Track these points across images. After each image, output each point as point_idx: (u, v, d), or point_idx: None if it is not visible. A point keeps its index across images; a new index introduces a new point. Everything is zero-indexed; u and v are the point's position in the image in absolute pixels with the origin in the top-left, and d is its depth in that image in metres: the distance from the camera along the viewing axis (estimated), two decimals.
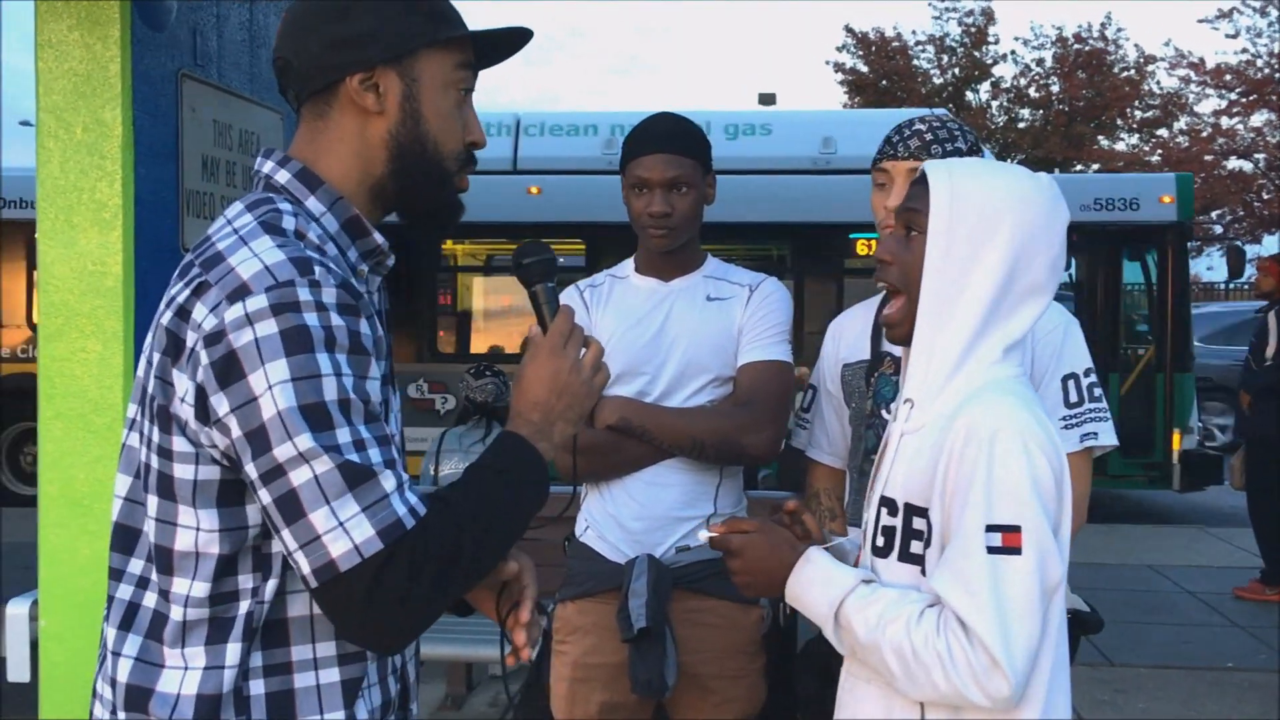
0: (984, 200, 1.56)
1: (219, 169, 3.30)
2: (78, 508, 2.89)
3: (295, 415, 1.22)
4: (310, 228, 1.37)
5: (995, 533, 1.44)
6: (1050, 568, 1.46)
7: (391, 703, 1.43)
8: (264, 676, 1.32)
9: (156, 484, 1.32)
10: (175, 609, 1.31)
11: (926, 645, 1.45)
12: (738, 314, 2.45)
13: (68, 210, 2.88)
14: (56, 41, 2.88)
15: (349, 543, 1.21)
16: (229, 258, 1.30)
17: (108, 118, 2.87)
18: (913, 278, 1.59)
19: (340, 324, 1.27)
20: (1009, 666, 1.41)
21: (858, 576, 1.57)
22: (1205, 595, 6.87)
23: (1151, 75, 27.10)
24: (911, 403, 1.60)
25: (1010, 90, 28.05)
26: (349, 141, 1.43)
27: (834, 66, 28.08)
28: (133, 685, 1.31)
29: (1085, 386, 2.12)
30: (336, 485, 1.22)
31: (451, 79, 1.46)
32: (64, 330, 2.89)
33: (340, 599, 1.23)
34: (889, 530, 1.60)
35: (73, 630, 2.90)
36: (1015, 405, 1.50)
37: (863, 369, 2.30)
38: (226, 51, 3.36)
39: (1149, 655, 5.60)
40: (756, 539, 1.65)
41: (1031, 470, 1.46)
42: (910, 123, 2.25)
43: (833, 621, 1.55)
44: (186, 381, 1.27)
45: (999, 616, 1.42)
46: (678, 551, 2.38)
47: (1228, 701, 4.97)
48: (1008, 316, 1.56)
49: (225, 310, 1.25)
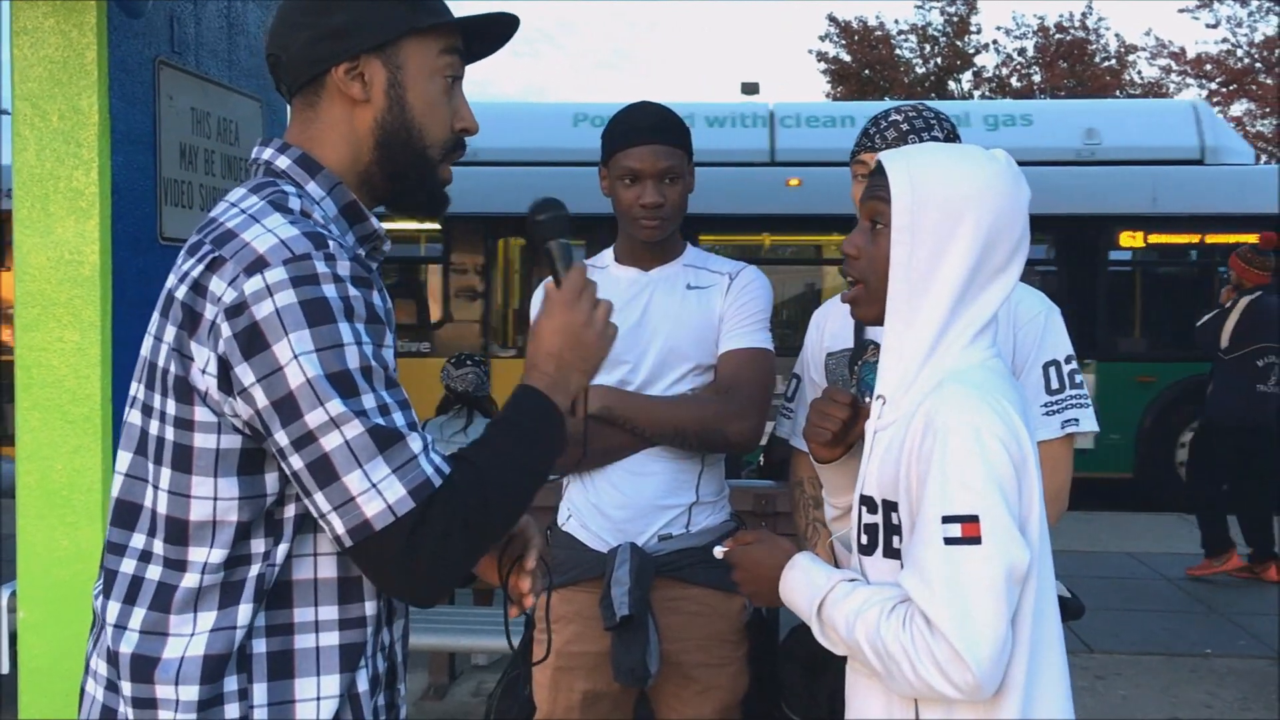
0: (945, 192, 1.54)
1: (197, 157, 3.27)
2: (56, 499, 2.88)
3: (323, 383, 1.26)
4: (314, 210, 1.41)
5: (953, 524, 1.43)
6: (1014, 556, 1.44)
7: (380, 679, 1.45)
8: (266, 636, 1.35)
9: (172, 456, 1.34)
10: (190, 577, 1.33)
11: (894, 639, 1.45)
12: (718, 302, 2.46)
13: (44, 199, 2.86)
14: (32, 29, 2.85)
15: (382, 503, 1.26)
16: (241, 233, 1.33)
17: (84, 105, 2.85)
18: (879, 272, 1.59)
19: (357, 294, 1.31)
20: (970, 656, 1.40)
21: (837, 577, 1.57)
22: (1184, 583, 6.92)
23: (1133, 65, 27.22)
24: (883, 399, 1.60)
25: (992, 80, 28.12)
26: (338, 130, 1.47)
27: (817, 56, 28.10)
28: (138, 655, 1.34)
29: (1066, 373, 2.12)
30: (368, 448, 1.26)
31: (437, 66, 1.49)
32: (41, 320, 2.86)
33: (376, 557, 1.29)
34: (871, 528, 1.60)
35: (52, 621, 2.88)
36: (971, 396, 1.48)
37: (846, 357, 2.30)
38: (204, 39, 3.33)
39: (1129, 642, 5.63)
40: (752, 550, 1.70)
41: (986, 460, 1.45)
42: (887, 113, 2.25)
43: (816, 622, 1.57)
44: (207, 352, 1.30)
45: (958, 607, 1.41)
46: (660, 540, 2.39)
47: (1207, 688, 5.00)
48: (974, 300, 1.56)
49: (244, 283, 1.28)
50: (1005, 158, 1.60)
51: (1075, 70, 26.80)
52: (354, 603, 1.39)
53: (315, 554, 1.38)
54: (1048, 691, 1.53)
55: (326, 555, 1.38)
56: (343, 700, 1.38)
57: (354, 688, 1.39)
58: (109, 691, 1.38)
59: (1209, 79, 26.23)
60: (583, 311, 1.51)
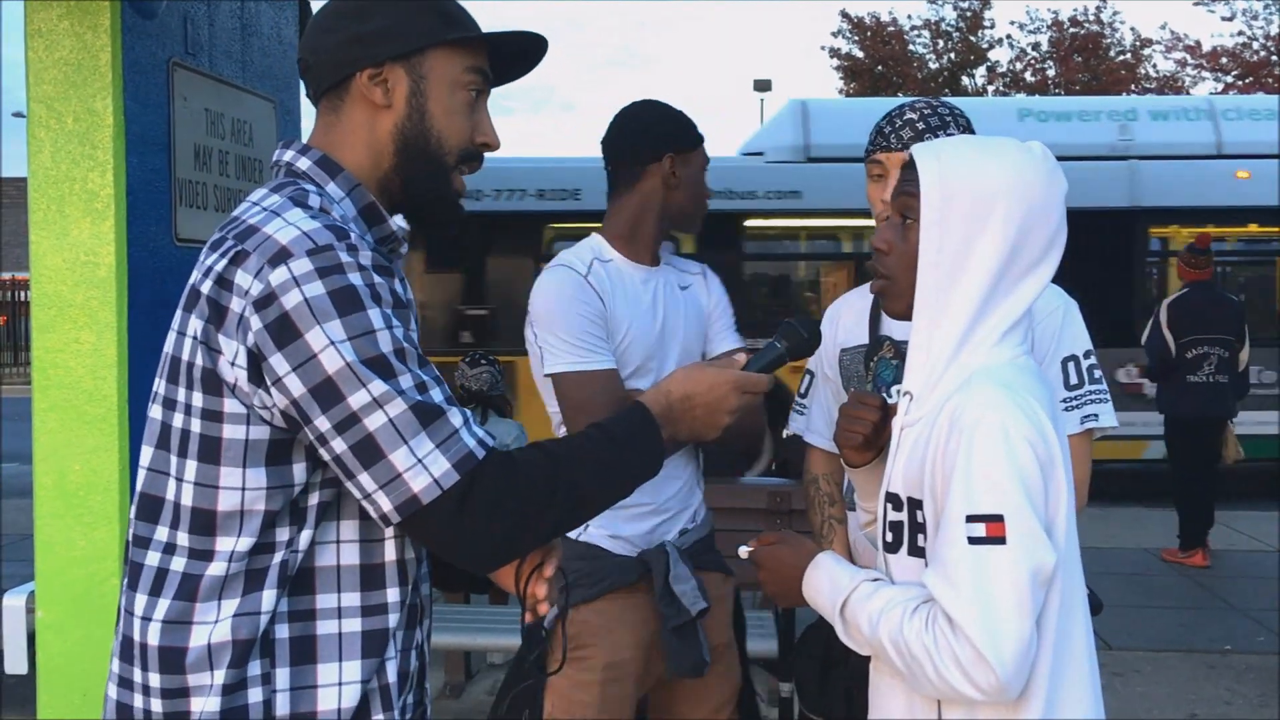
0: (976, 185, 1.52)
1: (211, 158, 3.28)
2: (73, 499, 2.89)
3: (361, 367, 1.29)
4: (333, 209, 1.44)
5: (977, 523, 1.42)
6: (1040, 556, 1.42)
7: (410, 676, 1.47)
8: (289, 622, 1.37)
9: (199, 448, 1.36)
10: (217, 565, 1.36)
11: (917, 640, 1.44)
12: (703, 300, 2.57)
13: (59, 201, 2.87)
14: (46, 31, 2.86)
15: (429, 477, 1.29)
16: (263, 228, 1.36)
17: (99, 107, 2.86)
18: (909, 266, 1.57)
19: (381, 282, 1.34)
20: (994, 658, 1.38)
21: (860, 577, 1.56)
22: (1203, 578, 6.88)
23: (1148, 59, 27.07)
24: (910, 395, 1.59)
25: (1006, 75, 28.00)
26: (360, 134, 1.50)
27: (829, 52, 28.04)
28: (165, 647, 1.36)
29: (1085, 368, 2.11)
30: (411, 425, 1.29)
31: (460, 80, 1.52)
32: (57, 321, 2.87)
33: (426, 530, 1.33)
34: (896, 525, 1.59)
35: (70, 621, 2.89)
36: (1000, 393, 1.47)
37: (861, 353, 2.29)
38: (218, 40, 3.34)
39: (1147, 639, 5.60)
40: (775, 550, 1.69)
41: (1012, 459, 1.43)
42: (901, 111, 2.22)
43: (840, 621, 1.56)
44: (236, 344, 1.32)
45: (982, 607, 1.39)
46: (681, 534, 2.46)
47: (1226, 684, 4.97)
48: (1005, 296, 1.54)
49: (269, 274, 1.31)
50: (1041, 150, 1.58)
51: (1090, 65, 26.67)
52: (376, 590, 1.41)
53: (338, 541, 1.40)
54: (1073, 694, 1.51)
55: (349, 542, 1.40)
56: (371, 690, 1.40)
57: (382, 678, 1.41)
58: (122, 688, 1.39)
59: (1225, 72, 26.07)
60: (739, 397, 1.54)
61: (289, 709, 1.36)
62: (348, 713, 1.38)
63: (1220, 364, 7.11)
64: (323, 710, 1.37)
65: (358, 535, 1.40)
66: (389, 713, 1.42)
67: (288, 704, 1.36)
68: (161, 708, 1.35)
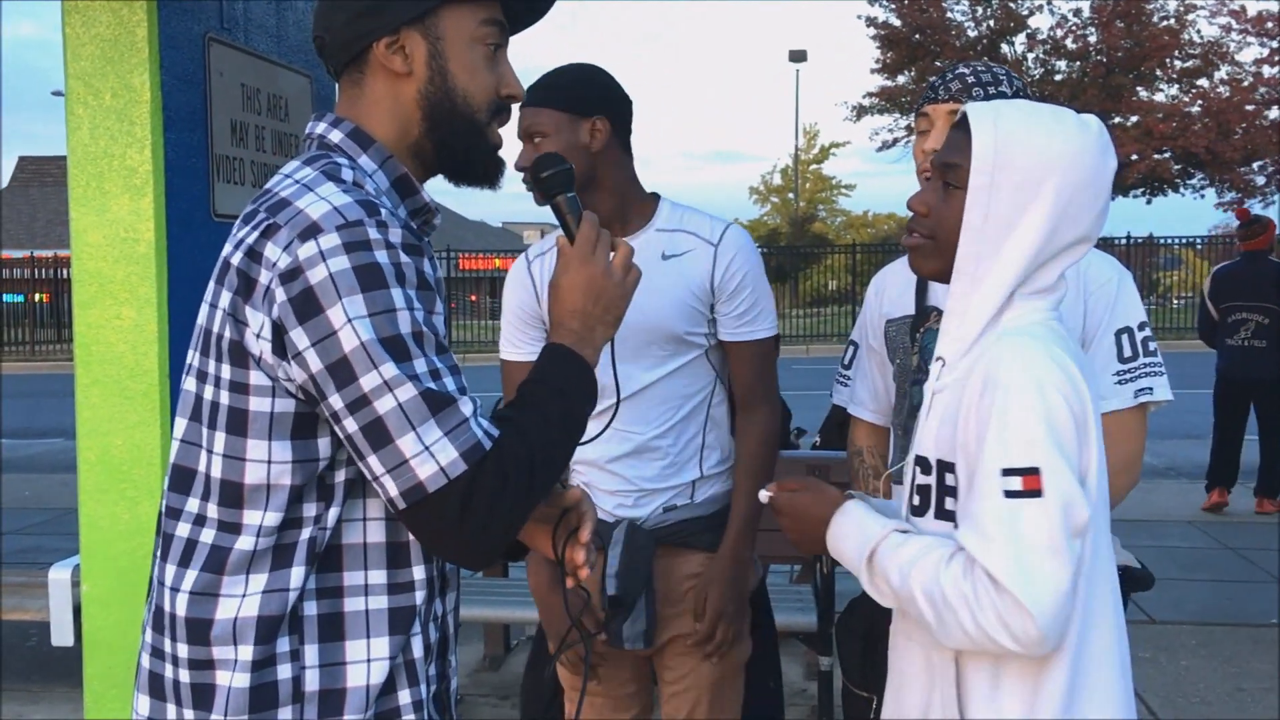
0: (1028, 156, 1.50)
1: (248, 133, 3.28)
2: (116, 473, 2.91)
3: (377, 346, 1.27)
4: (366, 183, 1.43)
5: (1013, 476, 1.41)
6: (1075, 509, 1.42)
7: (431, 649, 1.46)
8: (316, 599, 1.37)
9: (227, 420, 1.36)
10: (245, 539, 1.35)
11: (954, 588, 1.42)
12: (700, 270, 2.34)
13: (99, 177, 2.88)
14: (83, 7, 2.86)
15: (435, 465, 1.28)
16: (295, 201, 1.35)
17: (136, 83, 2.86)
18: (948, 233, 1.55)
19: (408, 261, 1.33)
20: (1034, 608, 1.38)
21: (890, 526, 1.54)
22: (1247, 551, 6.80)
23: (1191, 24, 26.57)
24: (943, 361, 1.58)
25: (1047, 41, 27.60)
26: (384, 104, 1.48)
27: (866, 21, 27.73)
28: (192, 619, 1.36)
29: (1140, 341, 2.07)
30: (421, 411, 1.28)
31: (477, 34, 1.49)
32: (98, 297, 2.89)
33: (429, 519, 1.30)
34: (924, 489, 1.58)
35: (114, 594, 2.92)
36: (1031, 347, 1.46)
37: (907, 324, 2.26)
38: (253, 15, 3.33)
39: (1191, 612, 5.54)
40: (799, 496, 1.66)
41: (1046, 411, 1.42)
42: (954, 65, 2.21)
43: (866, 570, 1.54)
44: (261, 317, 1.32)
45: (1020, 559, 1.39)
46: (665, 511, 2.38)
47: (1271, 658, 4.91)
48: (1045, 269, 1.53)
49: (298, 248, 1.30)
50: (1098, 125, 1.55)
51: (1132, 30, 26.22)
52: (403, 568, 1.41)
53: (365, 519, 1.39)
54: (1098, 656, 1.50)
55: (376, 520, 1.39)
56: (398, 666, 1.40)
57: (409, 653, 1.41)
58: (154, 658, 1.40)
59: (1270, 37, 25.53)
60: (599, 262, 1.51)
61: (318, 685, 1.36)
62: (375, 689, 1.38)
63: (1258, 329, 7.59)
64: (351, 686, 1.37)
65: (384, 513, 1.39)
66: (415, 687, 1.42)
67: (317, 680, 1.36)
68: (189, 678, 1.36)
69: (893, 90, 28.37)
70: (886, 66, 28.36)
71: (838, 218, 52.40)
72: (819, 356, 21.11)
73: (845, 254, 29.78)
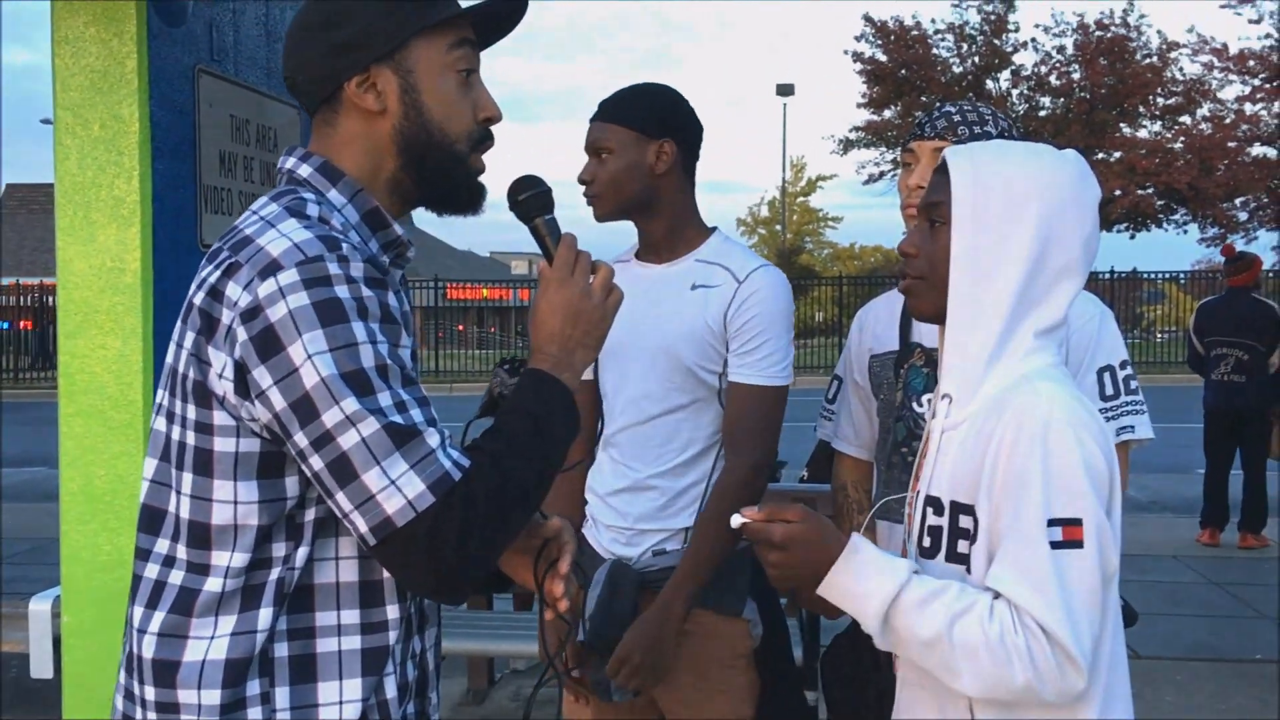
0: (1007, 184, 1.52)
1: (237, 164, 3.29)
2: (99, 504, 2.89)
3: (338, 382, 1.26)
4: (334, 217, 1.41)
5: (1057, 527, 1.41)
6: (1109, 557, 1.44)
7: (409, 687, 1.44)
8: (288, 640, 1.35)
9: (193, 460, 1.35)
10: (213, 581, 1.34)
11: (1003, 641, 1.40)
12: (720, 306, 2.29)
13: (86, 207, 2.88)
14: (73, 38, 2.87)
15: (402, 499, 1.26)
16: (257, 239, 1.34)
17: (125, 114, 2.86)
18: (939, 270, 1.56)
19: (370, 295, 1.31)
20: (1083, 660, 1.40)
21: (910, 567, 1.49)
22: (1232, 586, 6.81)
23: (1174, 62, 26.86)
24: (949, 398, 1.56)
25: (1031, 78, 27.86)
26: (358, 142, 1.46)
27: (853, 56, 27.97)
28: (159, 660, 1.34)
29: (1121, 379, 2.08)
30: (385, 445, 1.26)
31: (448, 61, 1.47)
32: (83, 327, 2.88)
33: (400, 554, 1.28)
34: (935, 530, 1.56)
35: (95, 626, 2.89)
36: (1062, 394, 1.47)
37: (891, 360, 2.26)
38: (243, 47, 3.34)
39: (1177, 648, 5.54)
40: (802, 529, 1.49)
41: (1086, 460, 1.43)
42: (941, 104, 2.24)
43: (882, 616, 1.46)
44: (224, 357, 1.31)
45: (1069, 612, 1.40)
46: (654, 555, 2.34)
47: (1257, 693, 4.91)
48: (1040, 301, 1.53)
49: (258, 286, 1.29)
50: (1075, 156, 1.58)
51: (1115, 68, 26.50)
52: (376, 607, 1.39)
53: (337, 558, 1.37)
54: (1120, 698, 1.53)
55: (348, 559, 1.38)
56: (370, 707, 1.38)
57: (381, 693, 1.39)
58: (126, 700, 1.39)
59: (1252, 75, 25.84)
60: (578, 285, 1.47)
61: None
62: None
63: (1237, 365, 7.70)
64: None
65: (356, 551, 1.37)
66: None
67: None
68: None
69: (879, 124, 28.58)
70: (873, 101, 28.57)
71: (825, 250, 52.62)
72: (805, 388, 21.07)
73: (832, 286, 29.93)
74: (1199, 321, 8.04)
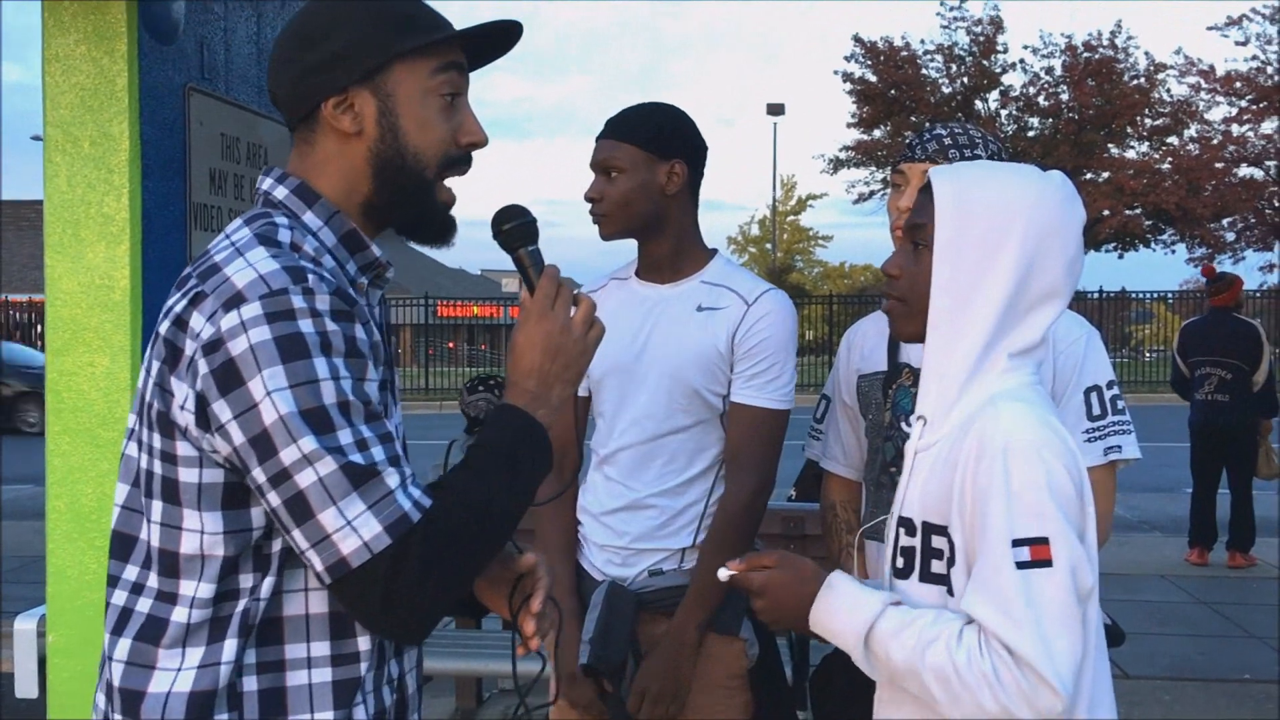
0: (991, 206, 1.51)
1: (227, 182, 3.29)
2: (85, 522, 2.88)
3: (296, 420, 1.24)
4: (307, 240, 1.39)
5: (1022, 547, 1.41)
6: (1082, 575, 1.43)
7: (385, 712, 1.42)
8: (257, 674, 1.33)
9: (161, 489, 1.33)
10: (180, 610, 1.32)
11: (970, 667, 1.41)
12: (726, 329, 2.30)
13: (75, 224, 2.88)
14: (64, 56, 2.88)
15: (358, 540, 1.24)
16: (224, 268, 1.32)
17: (115, 131, 2.87)
18: (920, 293, 1.56)
19: (335, 329, 1.29)
20: (1057, 681, 1.38)
21: (884, 600, 1.52)
22: (1220, 605, 6.81)
23: (1161, 83, 27.09)
24: (924, 419, 1.57)
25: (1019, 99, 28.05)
26: (334, 162, 1.44)
27: (842, 76, 28.11)
28: (125, 689, 1.33)
29: (1108, 399, 2.09)
30: (341, 485, 1.24)
31: (431, 85, 1.44)
32: (71, 345, 2.88)
33: (356, 594, 1.27)
34: (908, 551, 1.57)
35: (80, 645, 2.88)
36: (1026, 413, 1.46)
37: (879, 380, 2.26)
38: (234, 65, 3.35)
39: (1164, 667, 5.54)
40: (778, 575, 1.59)
41: (1049, 479, 1.42)
42: (932, 126, 2.23)
43: (862, 648, 1.50)
44: (185, 389, 1.29)
45: (1039, 632, 1.39)
46: (650, 575, 2.33)
47: (1244, 713, 4.91)
48: (1020, 323, 1.53)
49: (221, 318, 1.27)
50: (1060, 177, 1.57)
51: (1103, 89, 26.68)
52: (347, 638, 1.37)
53: (306, 589, 1.35)
54: (1103, 708, 1.53)
55: (317, 590, 1.35)
56: None
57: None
58: None
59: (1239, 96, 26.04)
60: (558, 318, 1.44)
61: None
62: None
63: (1221, 384, 7.73)
64: None
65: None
66: None
67: None
68: None
69: (869, 144, 28.73)
70: (863, 121, 28.73)
71: (815, 268, 52.76)
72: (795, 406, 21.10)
73: (822, 304, 29.98)
74: (1183, 341, 8.09)
